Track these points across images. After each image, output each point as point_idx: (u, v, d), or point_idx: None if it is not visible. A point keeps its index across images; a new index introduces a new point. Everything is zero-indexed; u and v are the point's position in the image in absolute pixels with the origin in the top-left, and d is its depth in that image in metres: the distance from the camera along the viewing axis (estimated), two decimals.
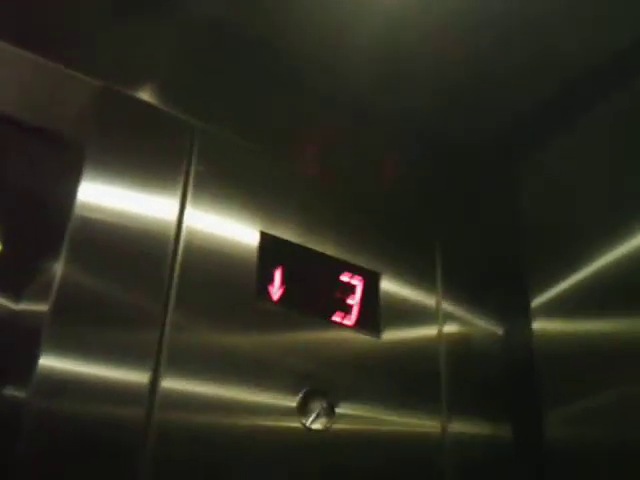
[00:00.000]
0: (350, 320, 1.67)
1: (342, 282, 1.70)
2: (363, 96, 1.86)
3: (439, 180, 2.01)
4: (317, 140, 1.83)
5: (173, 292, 1.46)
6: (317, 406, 1.52)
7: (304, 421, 1.50)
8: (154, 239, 1.49)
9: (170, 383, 1.38)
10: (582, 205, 1.80)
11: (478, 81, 1.84)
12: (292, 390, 1.52)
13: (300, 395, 1.52)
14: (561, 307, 1.75)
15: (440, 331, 1.79)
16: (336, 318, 1.65)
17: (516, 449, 1.76)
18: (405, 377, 1.69)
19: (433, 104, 1.90)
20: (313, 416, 1.51)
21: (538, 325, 1.79)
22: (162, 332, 1.42)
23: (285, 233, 1.66)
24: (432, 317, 1.80)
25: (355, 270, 1.73)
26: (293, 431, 1.49)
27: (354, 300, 1.70)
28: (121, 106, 1.58)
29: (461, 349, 1.81)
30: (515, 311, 1.86)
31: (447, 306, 1.84)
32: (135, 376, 1.35)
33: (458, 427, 1.71)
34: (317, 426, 1.51)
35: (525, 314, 1.81)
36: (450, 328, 1.82)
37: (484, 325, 1.88)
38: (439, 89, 1.86)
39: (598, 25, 1.69)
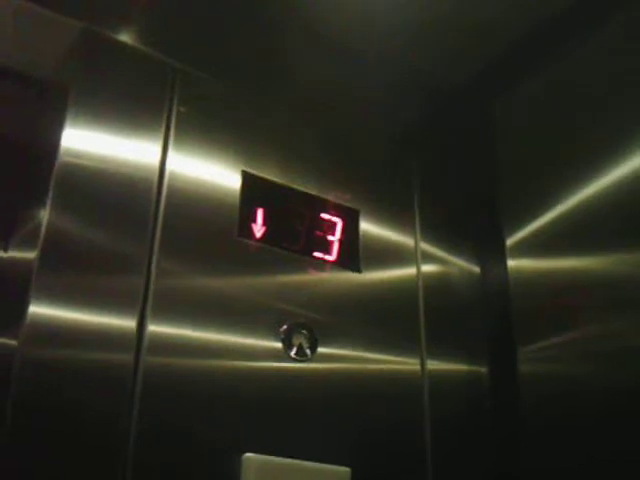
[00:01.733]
0: (331, 257, 1.70)
1: (323, 219, 1.73)
2: (344, 37, 1.85)
3: (418, 119, 2.01)
4: (297, 78, 1.82)
5: (157, 236, 1.48)
6: (300, 341, 1.56)
7: (288, 358, 1.54)
8: (137, 183, 1.50)
9: (157, 327, 1.41)
10: (555, 143, 1.81)
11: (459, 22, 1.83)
12: (276, 328, 1.55)
13: (283, 332, 1.55)
14: (535, 245, 1.79)
15: (418, 270, 1.83)
16: (317, 254, 1.68)
17: (493, 385, 1.82)
18: (385, 315, 1.72)
19: (412, 44, 1.88)
20: (295, 349, 1.55)
21: (513, 263, 1.82)
22: (148, 276, 1.43)
23: (267, 172, 1.68)
24: (410, 256, 1.83)
25: (335, 208, 1.75)
26: (278, 371, 1.52)
27: (334, 237, 1.73)
28: (103, 48, 1.57)
29: (439, 288, 1.85)
30: (491, 250, 1.89)
31: (425, 245, 1.87)
32: (122, 321, 1.37)
33: (436, 364, 1.76)
34: (300, 361, 1.54)
35: (501, 252, 1.84)
36: (428, 267, 1.85)
37: (462, 264, 1.92)
38: (420, 30, 1.85)
39: None
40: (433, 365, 1.75)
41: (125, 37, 1.60)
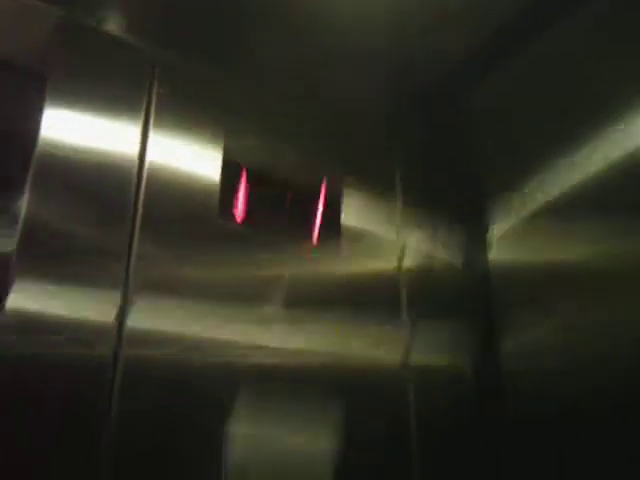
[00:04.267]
0: (312, 240, 1.70)
1: (304, 203, 1.73)
2: (327, 27, 1.83)
3: (402, 108, 2.01)
4: (278, 60, 1.81)
5: (138, 223, 1.46)
6: (281, 325, 1.54)
7: (269, 343, 1.52)
8: (117, 168, 1.49)
9: (137, 318, 1.39)
10: (537, 135, 1.81)
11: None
12: (256, 312, 1.53)
13: (263, 316, 1.53)
14: (515, 237, 1.79)
15: (400, 263, 1.81)
16: (299, 238, 1.67)
17: (475, 379, 1.80)
18: (366, 304, 1.70)
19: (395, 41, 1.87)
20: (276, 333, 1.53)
21: (494, 255, 1.82)
22: (128, 265, 1.42)
23: (248, 154, 1.67)
24: (393, 249, 1.82)
25: (317, 192, 1.75)
26: (260, 365, 1.51)
27: (316, 221, 1.72)
28: (82, 35, 1.57)
29: (421, 281, 1.84)
30: (473, 242, 1.90)
31: (408, 236, 1.85)
32: (102, 312, 1.36)
33: (420, 359, 1.73)
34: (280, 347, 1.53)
35: (482, 245, 1.84)
36: (410, 260, 1.84)
37: (444, 256, 1.91)
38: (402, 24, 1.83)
39: None
40: (415, 360, 1.72)
41: (104, 24, 1.60)
